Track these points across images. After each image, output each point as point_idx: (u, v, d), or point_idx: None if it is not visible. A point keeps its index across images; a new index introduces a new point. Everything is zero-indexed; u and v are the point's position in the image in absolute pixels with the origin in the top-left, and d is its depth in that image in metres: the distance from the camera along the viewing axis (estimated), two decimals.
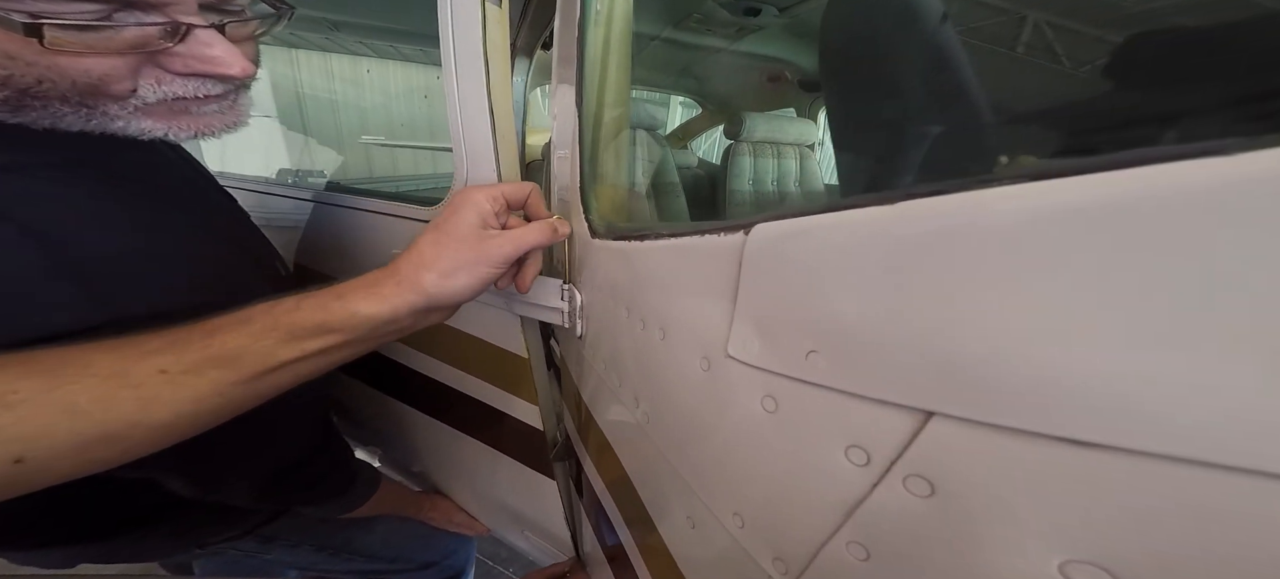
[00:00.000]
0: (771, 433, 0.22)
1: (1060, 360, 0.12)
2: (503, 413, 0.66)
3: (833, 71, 0.38)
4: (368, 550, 0.74)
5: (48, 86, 0.26)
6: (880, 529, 0.18)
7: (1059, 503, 0.12)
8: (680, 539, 0.37)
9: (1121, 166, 0.11)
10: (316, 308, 0.32)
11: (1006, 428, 0.13)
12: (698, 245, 0.27)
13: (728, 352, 0.24)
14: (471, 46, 0.46)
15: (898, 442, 0.16)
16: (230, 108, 0.35)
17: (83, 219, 0.30)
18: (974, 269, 0.13)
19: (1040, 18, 0.41)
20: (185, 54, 0.29)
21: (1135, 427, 0.11)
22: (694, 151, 2.07)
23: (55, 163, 0.30)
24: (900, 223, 0.15)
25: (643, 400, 0.38)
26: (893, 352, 0.16)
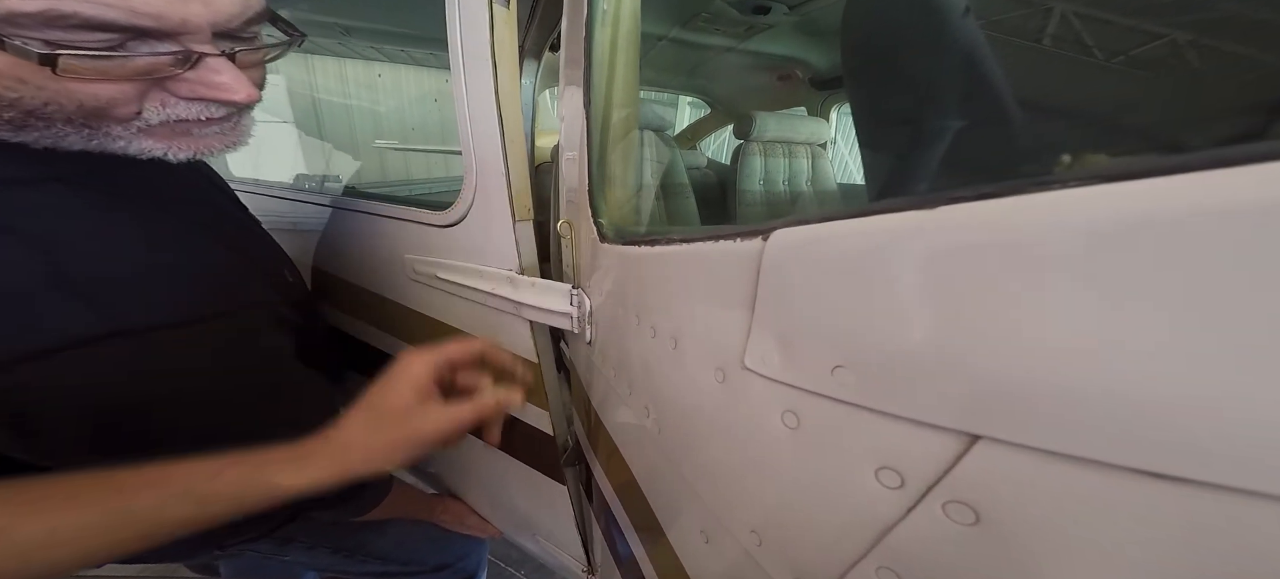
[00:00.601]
0: (793, 450, 0.21)
1: (1127, 383, 0.10)
2: (513, 417, 0.66)
3: (854, 66, 0.36)
4: (382, 552, 0.74)
5: (54, 109, 0.27)
6: (915, 556, 0.16)
7: (1122, 538, 0.11)
8: (693, 552, 0.36)
9: (1202, 168, 0.10)
10: (237, 480, 0.32)
11: (1065, 455, 0.12)
12: (712, 251, 0.26)
13: (744, 364, 0.23)
14: (479, 48, 0.45)
15: (937, 465, 0.15)
16: (231, 129, 0.35)
17: (86, 232, 0.30)
18: (1029, 281, 0.12)
19: (1068, 8, 0.39)
20: (193, 79, 0.30)
21: (1209, 458, 0.09)
22: (703, 152, 2.05)
23: (61, 177, 0.30)
24: (940, 229, 0.14)
25: (653, 409, 0.37)
26: (933, 369, 0.14)
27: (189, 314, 0.34)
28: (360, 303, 0.74)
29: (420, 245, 0.60)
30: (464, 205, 0.53)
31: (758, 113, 1.41)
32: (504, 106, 0.47)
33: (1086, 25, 0.37)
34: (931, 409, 0.14)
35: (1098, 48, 0.37)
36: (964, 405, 0.14)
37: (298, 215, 0.78)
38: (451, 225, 0.56)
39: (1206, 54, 0.30)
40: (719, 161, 1.78)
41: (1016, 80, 0.35)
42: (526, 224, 0.52)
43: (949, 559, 0.15)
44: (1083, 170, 0.11)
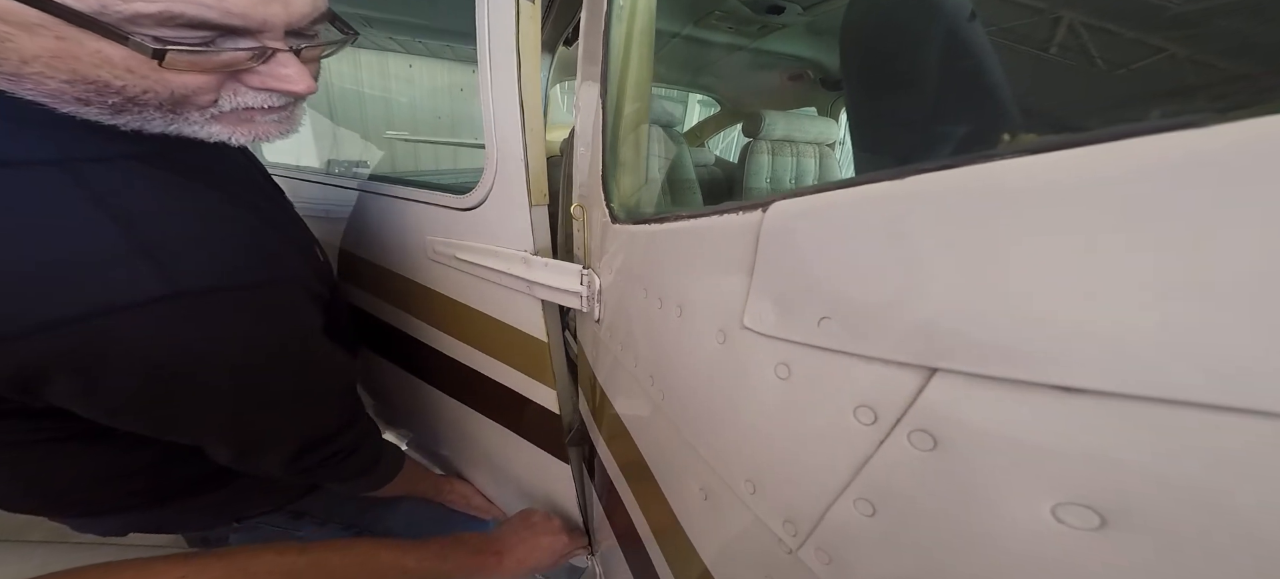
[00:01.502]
0: (785, 398, 0.24)
1: (1052, 314, 0.13)
2: (521, 395, 0.69)
3: (854, 67, 0.39)
4: (391, 530, 0.77)
5: (150, 96, 0.31)
6: (886, 484, 0.19)
7: (1051, 448, 0.13)
8: (692, 512, 0.39)
9: (1106, 140, 0.12)
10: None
11: (1003, 379, 0.14)
12: (716, 225, 0.28)
13: (743, 323, 0.26)
14: (505, 41, 0.48)
15: (904, 398, 0.17)
16: (287, 118, 0.39)
17: (157, 206, 0.34)
18: (976, 234, 0.14)
19: (1075, 18, 0.41)
20: (264, 72, 0.34)
21: (1120, 371, 0.12)
22: (711, 150, 2.07)
23: (135, 155, 0.34)
24: (906, 197, 0.16)
25: (658, 378, 0.39)
26: (901, 313, 0.17)
27: (239, 280, 0.37)
28: (382, 283, 0.77)
29: (441, 228, 0.63)
30: (484, 189, 0.56)
31: (766, 111, 1.42)
32: (526, 97, 0.50)
33: (1093, 35, 0.39)
34: (899, 349, 0.17)
35: (1102, 58, 0.39)
36: (924, 343, 0.16)
37: (329, 201, 0.81)
38: (471, 208, 0.58)
39: (1206, 69, 0.31)
40: (726, 159, 1.80)
41: (1020, 86, 0.37)
42: (541, 208, 0.55)
43: (914, 483, 0.18)
44: (1015, 145, 0.13)
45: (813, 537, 0.24)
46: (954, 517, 0.16)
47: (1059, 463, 0.13)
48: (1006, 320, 0.14)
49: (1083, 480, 0.13)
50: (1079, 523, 0.13)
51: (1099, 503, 0.12)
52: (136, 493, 0.50)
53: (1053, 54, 0.40)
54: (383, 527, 0.76)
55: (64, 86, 0.29)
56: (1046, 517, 0.14)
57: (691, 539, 0.40)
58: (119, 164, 0.33)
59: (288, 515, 0.67)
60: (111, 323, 0.31)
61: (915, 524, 0.18)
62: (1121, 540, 0.12)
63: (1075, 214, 0.12)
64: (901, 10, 0.38)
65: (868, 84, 0.37)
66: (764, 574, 0.30)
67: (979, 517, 0.16)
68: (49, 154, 0.31)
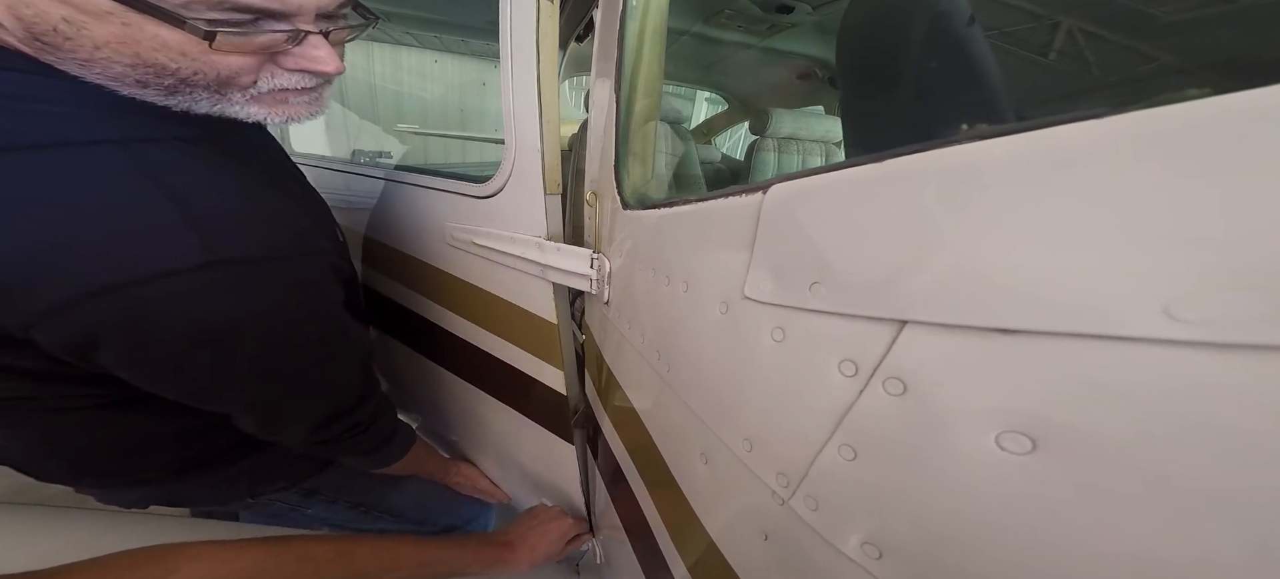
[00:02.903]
0: (779, 359, 0.26)
1: (992, 267, 0.16)
2: (529, 376, 0.72)
3: (852, 71, 0.41)
4: (398, 510, 0.80)
5: (199, 77, 0.34)
6: (865, 429, 0.22)
7: (993, 383, 0.16)
8: (692, 477, 0.42)
9: (1027, 130, 0.15)
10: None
11: (956, 326, 0.17)
12: (722, 206, 0.31)
13: (744, 294, 0.29)
14: (525, 37, 0.51)
15: (880, 350, 0.20)
16: (316, 99, 0.42)
17: (202, 183, 0.37)
18: (933, 205, 0.17)
19: (1074, 24, 0.42)
20: (297, 54, 0.37)
21: (1042, 312, 0.14)
22: (718, 147, 2.09)
23: (184, 137, 0.37)
24: (886, 175, 0.19)
25: (664, 351, 0.42)
26: (877, 274, 0.20)
27: (274, 252, 0.40)
28: (402, 267, 0.80)
29: (460, 215, 0.66)
30: (502, 178, 0.59)
31: (773, 110, 1.44)
32: (543, 90, 0.53)
33: (1090, 42, 0.40)
34: (876, 305, 0.20)
35: (1099, 66, 0.40)
36: (895, 299, 0.19)
37: (353, 191, 0.84)
38: (489, 196, 0.62)
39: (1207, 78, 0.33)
40: (733, 157, 1.82)
41: (1021, 90, 0.39)
42: (555, 197, 0.58)
43: (888, 426, 0.21)
44: (967, 133, 0.16)
45: (802, 485, 0.26)
46: (921, 453, 0.19)
47: (999, 396, 0.16)
48: (958, 274, 0.16)
49: (1017, 410, 0.15)
50: (1015, 448, 0.16)
51: (1030, 429, 0.15)
52: (162, 465, 0.54)
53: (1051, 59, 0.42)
54: (389, 504, 0.79)
55: (127, 70, 0.32)
56: (991, 445, 0.16)
57: (693, 506, 0.43)
58: (170, 145, 0.36)
59: (300, 492, 0.69)
60: (160, 287, 0.34)
61: (890, 464, 0.21)
62: (1047, 461, 0.15)
63: (1006, 187, 0.15)
64: (901, 14, 0.41)
65: (865, 86, 0.39)
66: (760, 530, 0.33)
67: (940, 451, 0.18)
68: (112, 134, 0.34)
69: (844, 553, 0.23)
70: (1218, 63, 0.33)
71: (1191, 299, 0.11)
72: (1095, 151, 0.13)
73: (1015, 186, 0.15)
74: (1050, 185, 0.14)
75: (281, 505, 0.69)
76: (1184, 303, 0.11)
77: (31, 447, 0.48)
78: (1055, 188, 0.14)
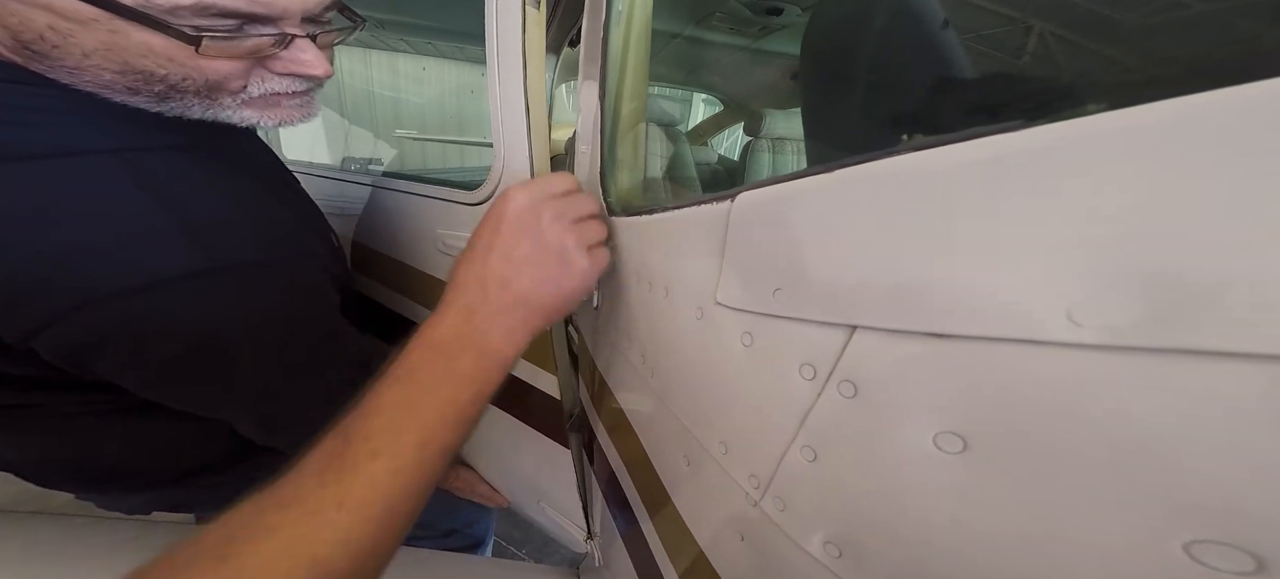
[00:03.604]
0: (748, 364, 0.27)
1: (929, 273, 0.16)
2: (524, 382, 0.72)
3: (820, 70, 0.42)
4: None
5: (188, 83, 0.34)
6: (822, 431, 0.22)
7: (930, 386, 0.17)
8: (677, 479, 0.42)
9: (958, 142, 0.16)
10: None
11: (898, 331, 0.17)
12: (696, 213, 0.32)
13: (717, 300, 0.29)
14: (512, 44, 0.52)
15: (834, 354, 0.21)
16: (308, 102, 0.42)
17: (195, 189, 0.38)
18: (877, 213, 0.18)
19: (1045, 28, 0.43)
20: (286, 58, 0.37)
21: (972, 317, 0.15)
22: (714, 149, 2.10)
23: (175, 144, 0.38)
24: (835, 184, 0.20)
25: (648, 356, 0.43)
26: (832, 279, 0.20)
27: (268, 256, 0.41)
28: (393, 274, 0.81)
29: (451, 221, 0.67)
30: (492, 185, 0.60)
31: (767, 111, 1.45)
32: (531, 98, 0.53)
33: (1062, 45, 0.41)
34: (831, 310, 0.20)
35: (1069, 69, 0.41)
36: (847, 305, 0.19)
37: (345, 197, 0.85)
38: (480, 203, 0.62)
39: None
40: (729, 157, 1.83)
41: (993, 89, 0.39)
42: None
43: (842, 427, 0.21)
44: (907, 144, 0.16)
45: (770, 487, 0.27)
46: (870, 453, 0.20)
47: (936, 398, 0.16)
48: (899, 281, 0.17)
49: (951, 411, 0.16)
50: (950, 448, 0.16)
51: (961, 429, 0.16)
52: (163, 471, 0.54)
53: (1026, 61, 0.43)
54: None
55: (116, 77, 0.32)
56: (929, 445, 0.17)
57: (679, 508, 0.43)
58: (163, 153, 0.37)
59: None
60: (157, 295, 0.35)
61: (845, 464, 0.21)
62: (976, 460, 0.16)
63: (938, 196, 0.15)
64: (874, 18, 0.42)
65: (832, 93, 0.40)
66: (738, 532, 0.33)
67: (887, 451, 0.19)
68: (103, 143, 0.34)
69: (809, 553, 0.24)
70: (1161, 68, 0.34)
71: (1088, 304, 0.12)
72: (1011, 162, 0.14)
73: (945, 195, 0.15)
74: (974, 194, 0.15)
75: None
76: (1083, 307, 0.12)
77: (33, 454, 0.49)
78: (978, 196, 0.15)
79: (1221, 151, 0.10)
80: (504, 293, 0.33)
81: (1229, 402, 0.10)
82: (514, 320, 0.33)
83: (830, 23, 0.41)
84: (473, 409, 0.32)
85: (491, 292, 0.33)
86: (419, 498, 0.29)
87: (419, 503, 0.29)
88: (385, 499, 0.27)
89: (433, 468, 0.29)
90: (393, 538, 0.28)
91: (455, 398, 0.31)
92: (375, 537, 0.26)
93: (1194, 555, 0.11)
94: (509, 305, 0.33)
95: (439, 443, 0.29)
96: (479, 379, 0.32)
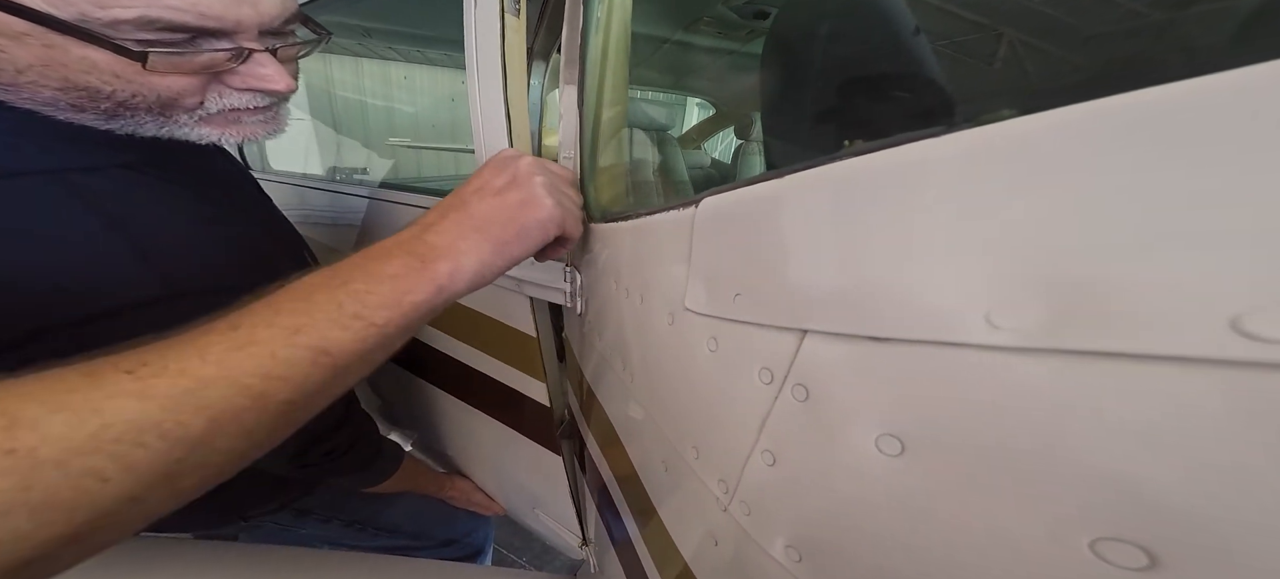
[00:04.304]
0: (714, 369, 0.27)
1: (869, 278, 0.16)
2: (515, 390, 0.72)
3: (785, 74, 0.42)
4: (393, 526, 0.80)
5: (139, 100, 0.32)
6: (780, 434, 0.22)
7: (871, 389, 0.17)
8: (658, 485, 0.42)
9: (893, 147, 0.16)
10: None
11: (841, 334, 0.17)
12: (664, 219, 0.32)
13: (685, 305, 0.29)
14: (490, 53, 0.52)
15: (787, 358, 0.21)
16: (272, 117, 0.41)
17: (148, 210, 0.36)
18: (823, 217, 0.18)
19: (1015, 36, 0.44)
20: (244, 73, 0.36)
21: (907, 321, 0.15)
22: (707, 152, 2.11)
23: (126, 163, 0.36)
24: (784, 189, 0.20)
25: (628, 361, 0.43)
26: (783, 284, 0.20)
27: (235, 281, 0.40)
28: None
29: None
30: None
31: (757, 114, 1.46)
32: (512, 107, 0.54)
33: (1030, 53, 0.41)
34: (783, 315, 0.20)
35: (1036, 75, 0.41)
36: (798, 309, 0.20)
37: (336, 208, 0.85)
38: None
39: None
40: (722, 161, 1.83)
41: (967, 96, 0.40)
42: None
43: (796, 431, 0.21)
44: (850, 149, 0.17)
45: (737, 491, 0.27)
46: (822, 456, 0.20)
47: (876, 401, 0.17)
48: (841, 285, 0.17)
49: (890, 414, 0.16)
50: (890, 450, 0.16)
51: (899, 431, 0.16)
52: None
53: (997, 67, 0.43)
54: (383, 521, 0.79)
55: (57, 94, 0.30)
56: (871, 448, 0.17)
57: (660, 514, 0.43)
58: (112, 173, 0.35)
59: (293, 513, 0.70)
60: (114, 324, 0.33)
61: (800, 468, 0.21)
62: (913, 462, 0.16)
63: (874, 201, 0.16)
64: (846, 25, 0.42)
65: (791, 94, 0.40)
66: (712, 537, 0.33)
67: (836, 453, 0.19)
68: (44, 164, 0.32)
69: (773, 557, 0.24)
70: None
71: (1004, 306, 0.12)
72: (934, 166, 0.14)
73: (877, 199, 0.16)
74: (905, 198, 0.15)
75: (274, 526, 0.70)
76: (1000, 310, 0.12)
77: None
78: (906, 200, 0.15)
79: (1121, 155, 0.10)
80: (461, 214, 0.33)
81: (1127, 402, 0.10)
82: (465, 243, 0.32)
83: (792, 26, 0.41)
84: (381, 313, 0.28)
85: (451, 214, 0.33)
86: (273, 396, 0.24)
87: (258, 404, 0.24)
88: (231, 376, 0.23)
89: (302, 365, 0.25)
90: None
91: (365, 290, 0.28)
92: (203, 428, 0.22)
93: (1099, 553, 0.11)
94: (464, 227, 0.32)
95: (318, 332, 0.26)
96: (400, 282, 0.29)
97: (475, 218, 0.33)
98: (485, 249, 0.32)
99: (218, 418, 0.22)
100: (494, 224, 0.33)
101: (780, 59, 0.40)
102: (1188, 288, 0.09)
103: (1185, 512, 0.09)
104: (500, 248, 0.33)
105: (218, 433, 0.22)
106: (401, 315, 0.29)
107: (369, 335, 0.27)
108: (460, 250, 0.31)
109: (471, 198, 0.34)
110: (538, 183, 0.35)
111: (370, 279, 0.28)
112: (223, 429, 0.22)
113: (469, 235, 0.32)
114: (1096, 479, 0.11)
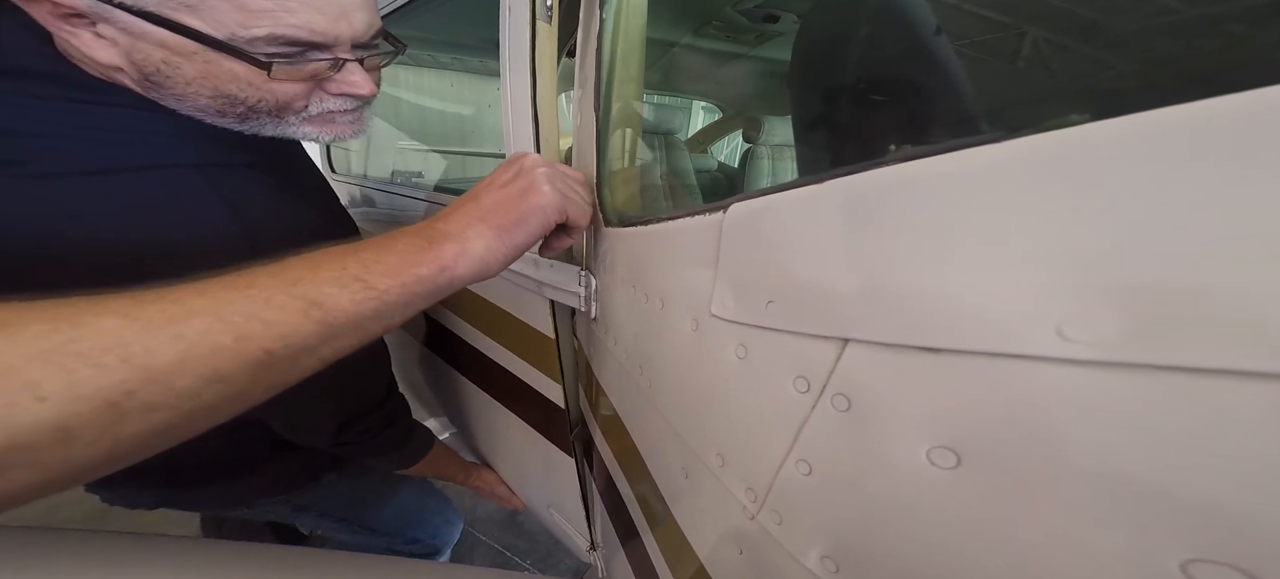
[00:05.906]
0: (742, 376, 0.27)
1: (921, 288, 0.16)
2: (533, 389, 0.73)
3: (810, 77, 0.42)
4: (374, 525, 0.83)
5: (263, 104, 0.39)
6: (818, 444, 0.22)
7: (923, 400, 0.16)
8: (675, 491, 0.42)
9: (945, 153, 0.15)
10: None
11: (891, 344, 0.17)
12: (689, 224, 0.32)
13: (711, 311, 0.29)
14: (522, 58, 0.53)
15: (827, 367, 0.20)
16: (357, 119, 0.47)
17: (259, 201, 0.42)
18: (869, 224, 0.18)
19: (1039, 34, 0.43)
20: (339, 80, 0.42)
21: (964, 332, 0.15)
22: (714, 156, 2.10)
23: (246, 163, 0.43)
24: (825, 195, 0.20)
25: (645, 367, 0.43)
26: (823, 292, 0.20)
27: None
28: None
29: None
30: None
31: (765, 117, 1.45)
32: (541, 111, 0.54)
33: (1055, 51, 0.41)
34: (823, 324, 0.20)
35: (1062, 73, 0.41)
36: (839, 318, 0.19)
37: (394, 207, 0.89)
38: None
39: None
40: (729, 165, 1.83)
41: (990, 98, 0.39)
42: None
43: (836, 440, 0.21)
44: (897, 154, 0.16)
45: (768, 500, 0.27)
46: (865, 467, 0.19)
47: (929, 413, 0.16)
48: (889, 294, 0.17)
49: (944, 426, 0.16)
50: (943, 463, 0.16)
51: (955, 444, 0.15)
52: (184, 466, 0.57)
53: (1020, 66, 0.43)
54: (367, 520, 0.82)
55: (210, 102, 0.38)
56: (923, 460, 0.17)
57: (677, 520, 0.43)
58: (237, 170, 0.43)
59: (291, 507, 0.72)
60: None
61: (840, 478, 0.21)
62: (970, 475, 0.15)
63: (926, 208, 0.15)
64: (867, 26, 0.42)
65: (821, 101, 0.40)
66: (736, 545, 0.33)
67: (881, 466, 0.19)
68: (195, 159, 0.40)
69: (807, 567, 0.24)
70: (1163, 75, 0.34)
71: (1078, 318, 0.12)
72: (998, 174, 0.13)
73: (933, 207, 0.15)
74: (962, 206, 0.15)
75: (273, 515, 0.72)
76: (1073, 321, 0.12)
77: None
78: (967, 208, 0.14)
79: (1204, 162, 0.10)
80: (470, 205, 0.36)
81: (1221, 417, 0.10)
82: (472, 230, 0.34)
83: (820, 30, 0.41)
84: (382, 280, 0.29)
85: (461, 206, 0.36)
86: (254, 339, 0.24)
87: (236, 346, 0.24)
88: (218, 311, 0.23)
89: (291, 313, 0.26)
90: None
91: (372, 259, 0.29)
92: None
93: (1191, 576, 0.10)
94: (471, 216, 0.35)
95: (316, 287, 0.27)
96: (406, 256, 0.31)
97: (482, 208, 0.36)
98: (490, 235, 0.34)
99: (188, 353, 0.21)
100: (498, 212, 0.36)
101: (812, 64, 0.40)
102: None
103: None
104: (503, 234, 0.35)
105: (180, 371, 0.21)
106: (401, 285, 0.30)
107: (366, 299, 0.28)
108: (467, 236, 0.34)
109: (481, 192, 0.38)
110: (540, 174, 0.38)
111: (379, 250, 0.30)
112: (188, 367, 0.22)
113: (475, 223, 0.34)
114: (1187, 498, 0.10)
